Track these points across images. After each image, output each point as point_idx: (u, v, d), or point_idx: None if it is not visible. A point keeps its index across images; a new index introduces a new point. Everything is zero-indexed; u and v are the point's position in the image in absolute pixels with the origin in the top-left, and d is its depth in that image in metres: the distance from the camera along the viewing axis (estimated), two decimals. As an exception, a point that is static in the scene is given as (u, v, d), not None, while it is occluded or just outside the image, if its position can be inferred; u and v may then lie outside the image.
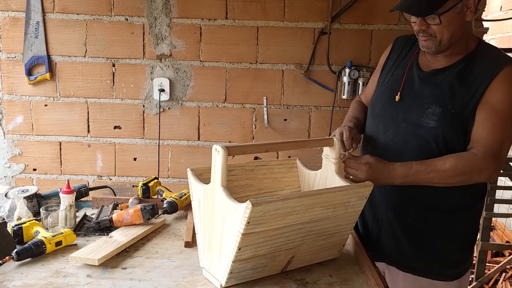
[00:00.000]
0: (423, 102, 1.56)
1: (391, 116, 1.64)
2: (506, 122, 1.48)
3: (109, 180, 2.65)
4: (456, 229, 1.61)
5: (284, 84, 2.56)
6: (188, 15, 2.51)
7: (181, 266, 1.44)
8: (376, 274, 1.38)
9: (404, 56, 1.72)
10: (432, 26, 1.48)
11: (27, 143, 2.64)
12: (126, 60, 2.55)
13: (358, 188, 1.36)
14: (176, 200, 1.81)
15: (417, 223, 1.61)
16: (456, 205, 1.60)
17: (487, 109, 1.47)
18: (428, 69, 1.61)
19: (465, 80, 1.51)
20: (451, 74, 1.54)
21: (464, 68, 1.53)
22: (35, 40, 2.54)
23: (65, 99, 2.59)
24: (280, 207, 1.20)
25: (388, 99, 1.66)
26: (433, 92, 1.55)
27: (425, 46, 1.54)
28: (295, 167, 1.65)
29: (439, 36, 1.49)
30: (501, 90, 1.46)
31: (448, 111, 1.50)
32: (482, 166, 1.47)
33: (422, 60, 1.65)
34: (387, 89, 1.69)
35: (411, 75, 1.64)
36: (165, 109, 2.59)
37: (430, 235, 1.62)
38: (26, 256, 1.41)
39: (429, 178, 1.49)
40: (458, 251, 1.65)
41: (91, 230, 1.65)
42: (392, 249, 1.67)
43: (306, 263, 1.45)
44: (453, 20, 1.47)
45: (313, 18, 2.50)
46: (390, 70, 1.73)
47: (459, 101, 1.50)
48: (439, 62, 1.59)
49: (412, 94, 1.60)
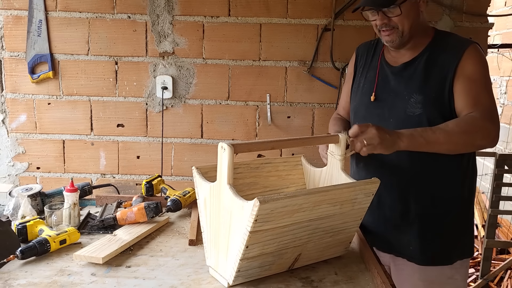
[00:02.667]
0: (403, 94, 1.63)
1: (378, 115, 1.69)
2: (486, 88, 1.58)
3: (112, 178, 2.64)
4: (457, 211, 1.68)
5: (288, 81, 2.55)
6: (191, 12, 2.49)
7: (185, 264, 1.43)
8: (382, 272, 1.37)
9: (371, 59, 1.79)
10: (393, 18, 1.58)
11: (31, 141, 2.63)
12: (128, 58, 2.54)
13: (365, 185, 1.35)
14: (180, 198, 1.80)
15: (423, 213, 1.65)
16: (455, 188, 1.66)
17: (464, 82, 1.56)
18: (397, 64, 1.70)
19: (435, 64, 1.61)
20: (421, 63, 1.63)
21: (430, 54, 1.63)
22: (38, 38, 2.53)
23: (68, 98, 2.59)
24: (288, 205, 1.19)
25: (370, 101, 1.72)
26: (410, 83, 1.63)
27: (389, 41, 1.63)
28: (300, 165, 1.64)
29: (400, 27, 1.59)
30: (471, 64, 1.56)
31: (429, 96, 1.59)
32: (483, 125, 1.53)
33: (389, 57, 1.74)
34: (366, 92, 1.75)
35: (384, 73, 1.72)
36: (168, 107, 2.58)
37: (436, 223, 1.66)
38: (30, 255, 1.40)
39: (436, 136, 1.49)
40: (462, 232, 1.71)
41: (95, 228, 1.64)
42: (400, 241, 1.69)
43: (312, 260, 1.44)
44: (411, 9, 1.57)
45: (316, 15, 2.49)
46: (362, 75, 1.80)
47: (435, 84, 1.59)
48: (405, 55, 1.67)
49: (391, 89, 1.68)
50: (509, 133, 4.36)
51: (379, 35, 1.66)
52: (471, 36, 2.45)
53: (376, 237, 1.72)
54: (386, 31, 1.60)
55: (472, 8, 2.47)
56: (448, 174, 1.65)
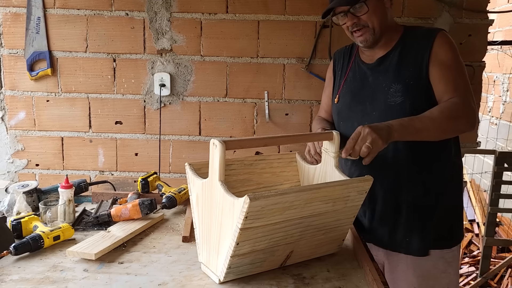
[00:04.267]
0: (382, 87, 1.67)
1: (361, 111, 1.72)
2: (461, 72, 1.62)
3: (110, 175, 2.65)
4: (448, 196, 1.72)
5: (286, 78, 2.55)
6: (189, 9, 2.49)
7: (178, 261, 1.43)
8: (373, 269, 1.36)
9: (348, 62, 1.85)
10: (362, 17, 1.62)
11: (30, 138, 2.64)
12: (126, 55, 2.55)
13: (358, 183, 1.34)
14: (175, 195, 1.80)
15: (416, 203, 1.68)
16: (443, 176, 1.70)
17: (441, 68, 1.60)
18: (372, 61, 1.74)
19: (409, 54, 1.65)
20: (395, 55, 1.68)
21: (403, 47, 1.67)
22: (37, 35, 2.54)
23: (66, 95, 2.59)
24: (279, 202, 1.18)
25: (351, 99, 1.77)
26: (387, 75, 1.67)
27: (362, 40, 1.67)
28: (294, 162, 1.64)
29: (371, 25, 1.63)
30: (443, 51, 1.61)
31: (407, 83, 1.63)
32: (465, 110, 1.57)
33: (363, 57, 1.78)
34: (346, 92, 1.80)
35: (361, 71, 1.77)
36: (166, 104, 2.58)
37: (429, 211, 1.69)
38: (24, 251, 1.41)
39: (424, 125, 1.52)
40: (456, 216, 1.77)
41: (89, 224, 1.65)
42: (394, 234, 1.71)
43: (305, 258, 1.44)
44: (377, 6, 1.63)
45: (314, 11, 2.48)
46: (342, 78, 1.85)
47: (411, 72, 1.63)
48: (379, 52, 1.72)
49: (370, 85, 1.72)
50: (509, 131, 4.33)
51: (352, 38, 1.71)
52: (471, 33, 2.46)
53: (370, 232, 1.73)
54: (358, 31, 1.65)
55: (472, 4, 2.45)
56: (436, 160, 1.68)
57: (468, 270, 3.61)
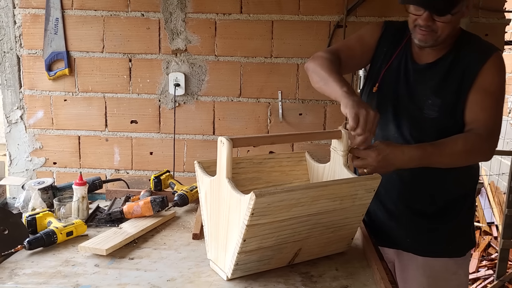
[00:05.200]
0: (422, 95, 1.60)
1: (393, 108, 1.66)
2: (498, 102, 1.57)
3: (126, 173, 2.69)
4: (458, 207, 1.69)
5: (299, 78, 2.55)
6: (203, 10, 2.51)
7: (187, 258, 1.45)
8: (381, 268, 1.35)
9: (396, 46, 1.70)
10: (438, 23, 1.49)
11: (48, 137, 2.70)
12: (142, 55, 2.58)
13: (365, 181, 1.34)
14: (187, 193, 1.82)
15: (430, 206, 1.66)
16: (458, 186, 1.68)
17: (481, 92, 1.53)
18: (420, 62, 1.64)
19: (457, 68, 1.57)
20: (444, 65, 1.59)
21: (454, 58, 1.59)
22: (55, 36, 2.59)
23: (83, 94, 2.64)
24: (285, 199, 1.19)
25: (387, 93, 1.68)
26: (430, 84, 1.60)
27: (422, 40, 1.55)
28: (304, 160, 1.64)
29: (440, 32, 1.51)
30: (492, 74, 1.54)
31: (447, 100, 1.56)
32: (485, 147, 1.55)
33: (414, 52, 1.66)
34: (385, 82, 1.69)
35: (407, 68, 1.66)
36: (181, 104, 2.61)
37: (440, 216, 1.67)
38: (37, 245, 1.44)
39: (441, 160, 1.52)
40: (465, 226, 1.73)
41: (102, 221, 1.68)
42: (405, 235, 1.70)
43: (314, 256, 1.44)
44: (456, 18, 1.51)
45: (328, 11, 2.48)
46: (385, 60, 1.71)
47: (454, 89, 1.56)
48: (430, 54, 1.62)
49: (410, 87, 1.64)
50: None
51: (412, 31, 1.57)
52: (488, 33, 2.42)
53: (380, 233, 1.71)
54: (424, 31, 1.52)
55: (489, 3, 2.42)
56: (453, 168, 1.63)
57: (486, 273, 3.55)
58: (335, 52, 1.70)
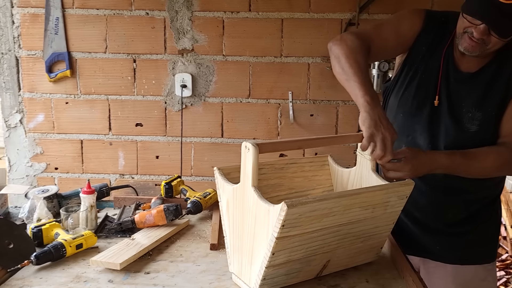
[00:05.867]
0: (461, 106, 1.50)
1: (429, 117, 1.54)
2: None
3: (131, 178, 2.59)
4: (488, 211, 1.64)
5: (310, 78, 2.46)
6: (210, 8, 2.42)
7: (207, 271, 1.35)
8: (417, 279, 1.28)
9: (437, 45, 1.55)
10: (493, 37, 1.38)
11: (48, 141, 2.60)
12: (147, 55, 2.49)
13: (399, 187, 1.26)
14: (201, 199, 1.73)
15: (458, 215, 1.61)
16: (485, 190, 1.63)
17: None
18: (462, 68, 1.52)
19: (500, 80, 1.48)
20: (486, 76, 1.49)
21: (497, 68, 1.49)
22: (55, 36, 2.49)
23: (86, 96, 2.54)
24: (317, 209, 1.10)
25: (424, 98, 1.55)
26: (471, 94, 1.50)
27: (469, 49, 1.42)
28: (326, 165, 1.55)
29: (490, 46, 1.40)
30: None
31: (488, 113, 1.48)
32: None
33: (456, 57, 1.53)
34: (422, 86, 1.56)
35: (447, 73, 1.53)
36: (188, 106, 2.51)
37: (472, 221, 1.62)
38: (45, 260, 1.34)
39: (469, 170, 1.47)
40: (492, 231, 1.70)
41: (112, 231, 1.58)
42: (434, 243, 1.64)
43: (342, 267, 1.35)
44: None
45: (340, 9, 2.40)
46: (424, 58, 1.56)
47: (495, 102, 1.48)
48: (473, 62, 1.50)
49: (449, 95, 1.52)
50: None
51: (460, 37, 1.44)
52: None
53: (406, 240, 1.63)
54: (475, 42, 1.40)
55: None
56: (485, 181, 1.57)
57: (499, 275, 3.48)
58: (366, 40, 1.51)
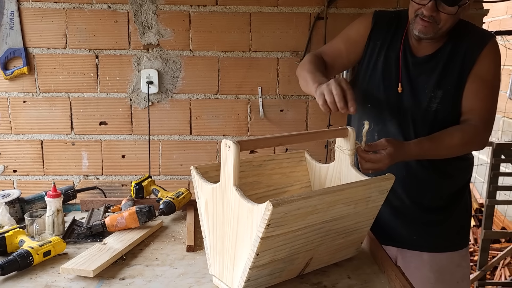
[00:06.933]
0: (423, 87, 1.58)
1: (395, 103, 1.62)
2: (494, 91, 1.57)
3: (96, 179, 2.49)
4: (462, 195, 1.70)
5: (280, 73, 2.43)
6: (176, 1, 2.34)
7: (185, 274, 1.30)
8: (400, 274, 1.27)
9: (392, 38, 1.65)
10: (442, 14, 1.46)
11: (6, 143, 2.45)
12: (110, 51, 2.38)
13: (380, 182, 1.24)
14: (174, 200, 1.67)
15: (434, 201, 1.66)
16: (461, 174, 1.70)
17: (477, 81, 1.53)
18: (419, 54, 1.61)
19: (455, 58, 1.56)
20: (443, 56, 1.57)
21: (452, 48, 1.57)
22: (10, 31, 2.35)
23: (45, 95, 2.41)
24: (302, 207, 1.07)
25: (388, 86, 1.63)
26: (431, 76, 1.58)
27: (422, 31, 1.51)
28: (304, 161, 1.52)
29: (442, 24, 1.48)
30: (488, 63, 1.54)
31: (448, 91, 1.55)
32: (482, 138, 1.57)
33: (412, 45, 1.62)
34: (384, 76, 1.64)
35: (405, 60, 1.62)
36: (154, 103, 2.43)
37: (447, 208, 1.66)
38: (11, 270, 1.25)
39: (438, 153, 1.54)
40: (465, 218, 1.75)
41: (82, 236, 1.50)
42: (411, 233, 1.68)
43: (323, 264, 1.33)
44: (460, 12, 1.48)
45: (308, 3, 2.37)
46: (380, 51, 1.65)
47: (454, 79, 1.55)
48: (429, 46, 1.59)
49: (411, 80, 1.60)
50: (504, 124, 4.32)
51: (412, 22, 1.53)
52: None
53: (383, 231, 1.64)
54: (426, 22, 1.48)
55: (468, -7, 2.38)
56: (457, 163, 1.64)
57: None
58: (319, 53, 1.73)
